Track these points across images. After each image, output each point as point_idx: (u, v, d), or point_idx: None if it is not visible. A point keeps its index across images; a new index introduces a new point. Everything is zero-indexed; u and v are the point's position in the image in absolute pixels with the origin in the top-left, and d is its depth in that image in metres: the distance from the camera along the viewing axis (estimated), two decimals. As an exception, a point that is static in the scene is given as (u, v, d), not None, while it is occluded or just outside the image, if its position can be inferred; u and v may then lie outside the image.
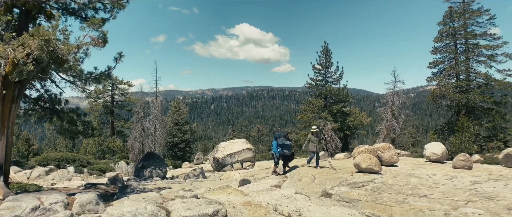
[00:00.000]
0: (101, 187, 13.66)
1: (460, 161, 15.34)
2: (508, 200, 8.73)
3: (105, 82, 11.14)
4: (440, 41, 35.15)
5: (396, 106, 34.45)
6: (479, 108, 33.25)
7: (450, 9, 34.47)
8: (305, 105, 39.52)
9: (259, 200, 8.61)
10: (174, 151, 48.03)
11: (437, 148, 18.05)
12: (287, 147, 14.92)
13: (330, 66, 37.60)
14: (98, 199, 8.07)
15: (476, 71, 33.40)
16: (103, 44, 8.80)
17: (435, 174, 13.30)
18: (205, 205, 7.21)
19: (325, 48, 37.58)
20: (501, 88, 31.96)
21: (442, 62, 35.10)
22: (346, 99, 38.06)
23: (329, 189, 10.52)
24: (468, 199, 8.86)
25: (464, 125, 26.75)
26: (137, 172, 19.72)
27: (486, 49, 32.66)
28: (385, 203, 8.55)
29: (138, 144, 37.71)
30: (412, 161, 18.41)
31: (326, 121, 35.08)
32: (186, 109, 53.75)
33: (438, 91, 34.28)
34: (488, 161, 18.66)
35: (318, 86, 38.08)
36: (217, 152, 23.84)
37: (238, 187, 11.29)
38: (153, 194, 10.05)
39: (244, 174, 17.02)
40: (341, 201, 8.80)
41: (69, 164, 27.09)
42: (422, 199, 8.88)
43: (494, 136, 31.85)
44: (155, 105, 39.85)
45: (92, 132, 12.77)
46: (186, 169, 28.52)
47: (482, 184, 11.13)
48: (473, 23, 33.65)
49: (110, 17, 10.27)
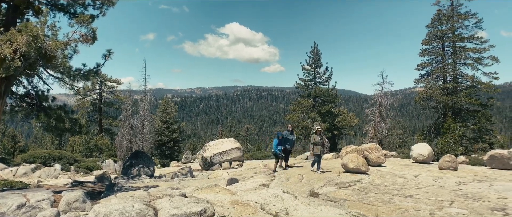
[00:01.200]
0: (88, 185, 13.57)
1: (445, 162, 15.56)
2: (491, 200, 8.88)
3: (94, 79, 11.06)
4: (428, 43, 35.52)
5: (383, 107, 34.76)
6: (465, 110, 33.67)
7: (439, 12, 34.85)
8: (294, 105, 39.63)
9: (247, 199, 8.64)
10: (162, 150, 47.83)
11: (423, 149, 18.28)
12: (289, 142, 14.71)
13: (319, 67, 37.77)
14: (85, 197, 8.03)
15: (463, 74, 33.82)
16: (92, 41, 8.75)
17: (421, 174, 13.46)
18: (192, 203, 7.22)
19: (315, 49, 37.75)
20: (487, 90, 32.43)
21: (430, 64, 35.47)
22: (335, 99, 38.26)
23: (316, 188, 10.59)
24: (452, 199, 8.99)
25: (451, 126, 27.08)
26: (124, 170, 19.61)
27: (473, 52, 33.08)
28: (372, 203, 8.64)
29: (126, 142, 37.49)
30: (399, 162, 18.60)
31: (314, 121, 35.23)
32: (175, 107, 53.55)
33: (426, 93, 34.64)
34: (473, 163, 18.93)
35: (307, 87, 38.23)
36: (205, 151, 23.82)
37: (226, 186, 11.31)
38: (140, 192, 10.02)
39: (233, 173, 17.04)
40: (328, 201, 8.87)
41: (56, 161, 26.82)
42: (408, 199, 9.00)
43: (480, 138, 32.29)
44: (143, 103, 39.65)
45: (79, 129, 12.67)
46: (174, 168, 28.43)
47: (467, 185, 11.30)
48: (461, 26, 34.06)
49: (100, 14, 10.20)
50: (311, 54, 37.80)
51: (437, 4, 35.41)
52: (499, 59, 32.29)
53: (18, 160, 26.75)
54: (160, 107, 51.08)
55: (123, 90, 45.35)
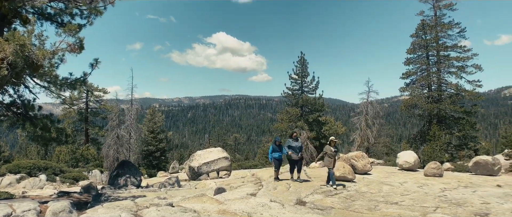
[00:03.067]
0: (74, 196, 13.44)
1: (431, 169, 15.79)
2: (475, 206, 9.05)
3: (80, 89, 11.03)
4: (413, 52, 36.05)
5: (370, 115, 35.10)
6: (450, 118, 34.16)
7: (423, 22, 35.44)
8: (282, 114, 39.76)
9: (234, 208, 8.67)
10: (149, 159, 47.47)
11: (409, 156, 18.53)
12: (294, 150, 13.27)
13: (306, 76, 38.02)
14: (72, 207, 7.97)
15: (447, 82, 34.36)
16: (79, 51, 8.75)
17: (407, 181, 13.64)
18: (180, 213, 7.23)
19: (302, 58, 38.01)
20: (471, 98, 33.01)
21: (414, 73, 35.96)
22: (322, 108, 38.48)
23: (303, 197, 10.65)
24: (437, 205, 9.14)
25: (436, 134, 27.43)
26: (111, 180, 19.45)
27: (456, 60, 33.67)
28: (358, 210, 8.74)
29: (112, 152, 37.15)
30: (386, 169, 18.80)
31: (302, 130, 35.37)
32: (162, 117, 53.30)
33: (411, 101, 35.08)
34: (459, 169, 19.21)
35: (294, 96, 38.41)
36: (193, 161, 23.72)
37: (213, 195, 11.31)
38: (127, 202, 9.97)
39: (220, 183, 17.02)
40: (315, 209, 8.95)
41: (41, 172, 26.44)
42: (393, 206, 9.12)
43: (465, 145, 32.76)
44: (130, 112, 39.41)
45: (65, 139, 12.57)
46: (161, 178, 28.26)
47: (451, 191, 11.48)
48: (445, 35, 34.66)
49: (87, 23, 10.21)
50: (298, 63, 38.06)
51: (421, 14, 36.04)
52: (482, 67, 32.95)
53: (3, 170, 26.31)
54: (147, 116, 50.79)
55: (110, 100, 45.07)
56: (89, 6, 10.09)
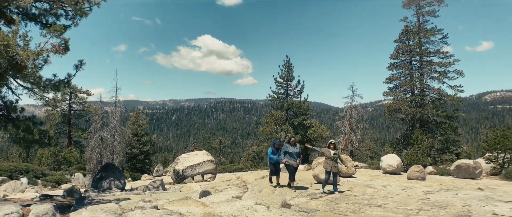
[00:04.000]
0: (57, 199, 13.28)
1: (414, 173, 16.02)
2: (457, 208, 9.23)
3: (64, 90, 10.91)
4: (396, 57, 36.54)
5: (354, 119, 35.40)
6: (433, 122, 34.69)
7: (406, 28, 35.96)
8: (267, 117, 39.83)
9: (220, 211, 8.67)
10: (133, 163, 47.02)
11: (393, 160, 18.75)
12: (292, 156, 12.19)
13: (291, 80, 38.18)
14: (55, 210, 7.88)
15: (429, 87, 34.91)
16: (64, 52, 8.67)
17: (390, 184, 13.81)
18: (165, 215, 7.21)
19: (287, 62, 38.17)
20: (453, 103, 33.61)
21: (398, 77, 36.44)
22: (307, 112, 38.66)
23: (288, 199, 10.71)
24: (420, 208, 9.29)
25: (419, 138, 27.81)
26: (94, 183, 19.23)
27: (439, 66, 34.25)
28: (342, 212, 8.83)
29: (95, 155, 36.70)
30: (369, 172, 18.99)
31: (287, 133, 35.49)
32: (146, 119, 52.88)
33: (394, 106, 35.53)
34: (441, 173, 19.51)
35: (280, 99, 38.52)
36: (177, 164, 23.62)
37: (198, 198, 11.29)
38: (112, 205, 9.88)
39: (205, 186, 16.99)
40: (300, 211, 9.00)
41: (23, 175, 25.98)
42: (377, 209, 9.24)
43: (447, 148, 33.31)
44: (114, 115, 39.00)
45: (48, 141, 12.40)
46: (145, 181, 28.04)
47: (434, 194, 11.67)
48: (427, 41, 35.23)
49: (72, 24, 10.11)
50: (284, 67, 38.21)
51: (405, 20, 36.59)
52: (463, 72, 33.62)
53: (-18, 173, 25.81)
54: (131, 119, 50.34)
55: (94, 102, 44.51)
56: (74, 7, 10.01)
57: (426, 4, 35.45)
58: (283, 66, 38.20)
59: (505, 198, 10.86)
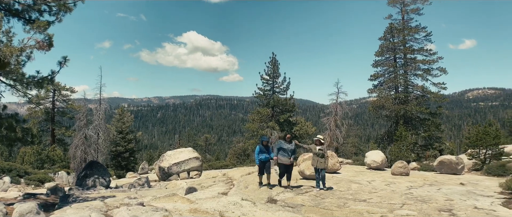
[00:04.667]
0: (41, 197, 13.13)
1: (398, 168, 16.25)
2: (439, 202, 9.42)
3: (48, 87, 10.78)
4: (381, 55, 36.90)
5: (339, 116, 35.68)
6: (416, 119, 35.17)
7: (391, 25, 36.32)
8: (253, 114, 39.85)
9: (206, 207, 8.69)
10: (118, 160, 46.65)
11: (377, 156, 18.99)
12: (286, 152, 11.58)
13: (277, 77, 38.24)
14: (39, 208, 7.80)
15: (413, 84, 35.36)
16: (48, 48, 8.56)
17: (374, 180, 14.00)
18: (151, 212, 7.20)
19: (273, 59, 38.22)
20: (436, 100, 34.14)
21: (382, 75, 36.81)
22: (293, 109, 38.81)
23: (274, 195, 10.78)
24: (403, 202, 9.45)
25: (402, 134, 28.16)
26: (79, 181, 19.04)
27: (422, 63, 34.71)
28: (327, 207, 8.93)
29: (80, 153, 36.30)
30: (354, 168, 19.20)
31: (273, 130, 35.59)
32: (131, 117, 52.48)
33: (378, 102, 35.90)
34: (424, 168, 19.80)
35: (266, 96, 38.57)
36: (163, 161, 23.52)
37: (184, 195, 11.29)
38: (97, 202, 9.83)
39: (191, 182, 16.97)
40: (285, 206, 9.08)
41: (5, 174, 25.55)
42: (362, 203, 9.37)
43: (430, 145, 33.82)
44: (98, 112, 38.62)
45: (31, 139, 12.24)
46: (130, 179, 27.87)
47: (417, 189, 11.88)
48: (412, 39, 35.66)
49: (56, 20, 9.96)
50: (270, 64, 38.25)
51: (389, 18, 36.97)
52: (447, 70, 34.12)
53: (-36, 172, 25.33)
54: (115, 116, 49.90)
55: (77, 99, 43.97)
56: (58, 3, 9.87)
57: (410, 2, 35.85)
58: (269, 63, 38.24)
59: (486, 193, 11.11)
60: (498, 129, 21.77)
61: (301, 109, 76.72)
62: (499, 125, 44.47)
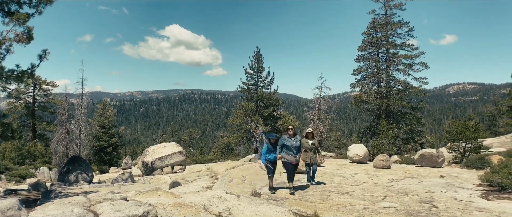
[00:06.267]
0: (22, 193, 12.94)
1: (380, 161, 16.48)
2: (420, 194, 9.60)
3: (28, 81, 10.60)
4: (364, 50, 37.24)
5: (322, 110, 35.99)
6: (398, 113, 35.67)
7: (374, 20, 36.64)
8: (237, 108, 39.86)
9: (190, 201, 8.68)
10: (101, 155, 46.18)
11: (359, 149, 19.20)
12: (290, 150, 10.06)
13: (261, 71, 38.28)
14: (20, 204, 7.69)
15: (395, 79, 35.83)
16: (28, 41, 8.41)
17: (357, 173, 14.18)
18: (135, 206, 7.15)
19: (257, 53, 38.23)
20: (418, 94, 34.68)
21: (365, 69, 37.17)
22: (277, 103, 38.94)
23: (258, 189, 10.83)
24: (385, 194, 9.60)
25: (384, 128, 28.50)
26: (61, 177, 18.80)
27: (405, 58, 35.16)
28: (311, 200, 9.02)
29: (61, 148, 35.90)
30: (337, 162, 19.38)
31: (257, 124, 35.69)
32: (113, 111, 51.97)
33: (361, 97, 36.28)
34: (406, 162, 20.10)
35: (250, 90, 38.60)
36: (146, 156, 23.38)
37: (168, 189, 11.26)
38: (79, 198, 9.73)
39: (175, 177, 16.93)
40: (269, 200, 9.14)
41: (-16, 170, 25.12)
42: (344, 196, 9.49)
43: (411, 138, 34.38)
44: (80, 107, 38.21)
45: (12, 135, 12.04)
46: (113, 174, 27.63)
47: (399, 182, 12.07)
48: (394, 34, 36.06)
49: (36, 13, 9.76)
50: (254, 58, 38.25)
51: (373, 13, 37.27)
52: (428, 65, 34.66)
53: None
54: (97, 111, 49.35)
55: (59, 93, 43.39)
56: (38, -5, 9.70)
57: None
58: (253, 57, 38.25)
59: (465, 185, 11.35)
60: (477, 123, 22.17)
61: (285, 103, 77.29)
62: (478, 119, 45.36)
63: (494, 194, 9.73)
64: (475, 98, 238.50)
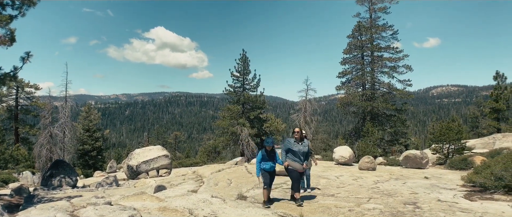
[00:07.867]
0: (4, 198, 12.72)
1: (365, 163, 16.61)
2: (404, 196, 9.70)
3: (10, 84, 10.45)
4: (349, 52, 37.58)
5: (308, 112, 36.18)
6: (383, 115, 36.05)
7: (359, 23, 37.01)
8: (224, 111, 39.80)
9: (175, 205, 8.62)
10: (85, 159, 45.67)
11: (345, 151, 19.33)
12: (296, 156, 8.79)
13: (248, 74, 38.29)
14: (3, 209, 7.58)
15: (380, 81, 36.25)
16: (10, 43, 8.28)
17: (342, 175, 14.27)
18: (119, 211, 7.09)
19: (243, 56, 38.24)
20: (402, 96, 35.14)
21: (350, 72, 37.52)
22: (263, 105, 38.97)
23: (244, 192, 10.82)
24: (370, 196, 9.68)
25: (370, 130, 28.80)
26: (44, 181, 18.52)
27: (389, 61, 35.59)
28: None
29: (45, 152, 35.36)
30: (323, 164, 19.45)
31: (243, 127, 35.66)
32: (98, 114, 51.51)
33: (346, 99, 36.61)
34: (391, 163, 20.31)
35: (236, 93, 38.56)
36: (131, 159, 23.17)
37: (153, 193, 11.18)
38: (63, 202, 9.60)
39: (160, 181, 16.82)
40: (255, 203, 9.13)
41: (-35, 174, 24.63)
42: (330, 198, 9.54)
43: (396, 140, 34.75)
44: (64, 110, 37.68)
45: (-7, 138, 11.84)
46: (98, 178, 27.32)
47: (383, 183, 12.18)
48: (379, 37, 36.51)
49: (19, 14, 9.62)
50: (240, 61, 38.25)
51: (358, 16, 37.70)
52: (412, 67, 35.17)
53: None
54: (82, 114, 48.87)
55: (42, 96, 42.75)
56: (21, -3, 9.56)
57: (378, 0, 36.63)
58: (240, 60, 38.25)
59: (449, 186, 11.51)
60: (461, 125, 22.58)
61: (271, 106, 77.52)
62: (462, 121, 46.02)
63: (477, 194, 9.89)
64: (458, 100, 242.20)
